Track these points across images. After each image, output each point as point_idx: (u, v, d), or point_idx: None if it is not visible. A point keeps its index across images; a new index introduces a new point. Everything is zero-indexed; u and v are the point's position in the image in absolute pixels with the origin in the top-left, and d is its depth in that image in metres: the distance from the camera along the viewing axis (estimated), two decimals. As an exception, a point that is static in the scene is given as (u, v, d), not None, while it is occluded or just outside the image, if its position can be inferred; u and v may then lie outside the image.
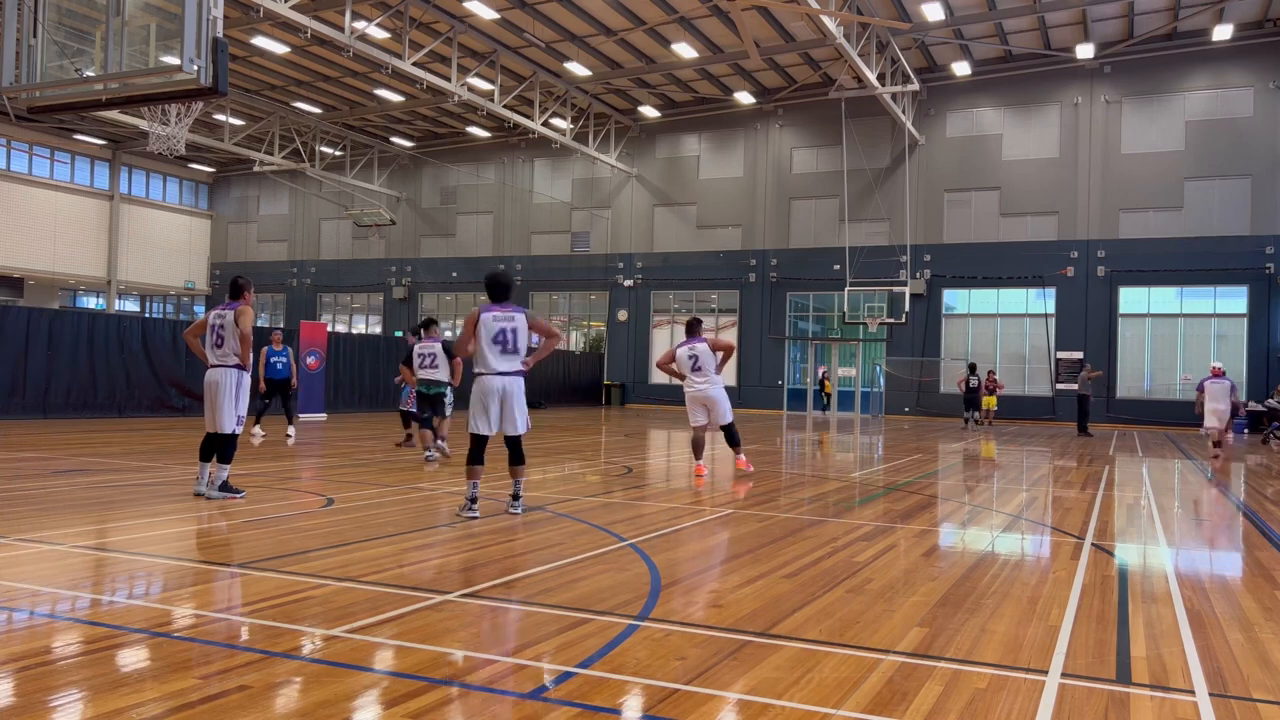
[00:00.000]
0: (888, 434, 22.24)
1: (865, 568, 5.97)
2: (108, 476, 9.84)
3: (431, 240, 41.49)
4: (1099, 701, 3.59)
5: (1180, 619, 4.89)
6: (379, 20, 25.05)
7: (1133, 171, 29.33)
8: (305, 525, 7.15)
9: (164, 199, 45.87)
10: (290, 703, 3.37)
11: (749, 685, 3.64)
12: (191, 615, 4.48)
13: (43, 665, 3.71)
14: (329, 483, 9.70)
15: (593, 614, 4.64)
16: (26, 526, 6.66)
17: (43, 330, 18.92)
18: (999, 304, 31.48)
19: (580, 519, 7.76)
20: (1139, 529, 8.19)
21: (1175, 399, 28.97)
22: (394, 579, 5.35)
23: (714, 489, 10.42)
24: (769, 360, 34.12)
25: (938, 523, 8.22)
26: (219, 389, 8.15)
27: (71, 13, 8.49)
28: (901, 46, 28.52)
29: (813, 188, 33.67)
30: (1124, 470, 14.07)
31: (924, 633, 4.46)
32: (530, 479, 10.46)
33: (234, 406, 8.17)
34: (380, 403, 25.97)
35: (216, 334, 8.26)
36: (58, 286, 43.63)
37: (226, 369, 8.20)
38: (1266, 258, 27.69)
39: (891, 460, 14.77)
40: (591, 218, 37.72)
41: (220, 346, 8.23)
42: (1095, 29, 27.84)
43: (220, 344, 8.23)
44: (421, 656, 3.93)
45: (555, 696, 3.47)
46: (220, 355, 8.24)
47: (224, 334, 8.22)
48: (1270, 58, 27.78)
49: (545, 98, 32.78)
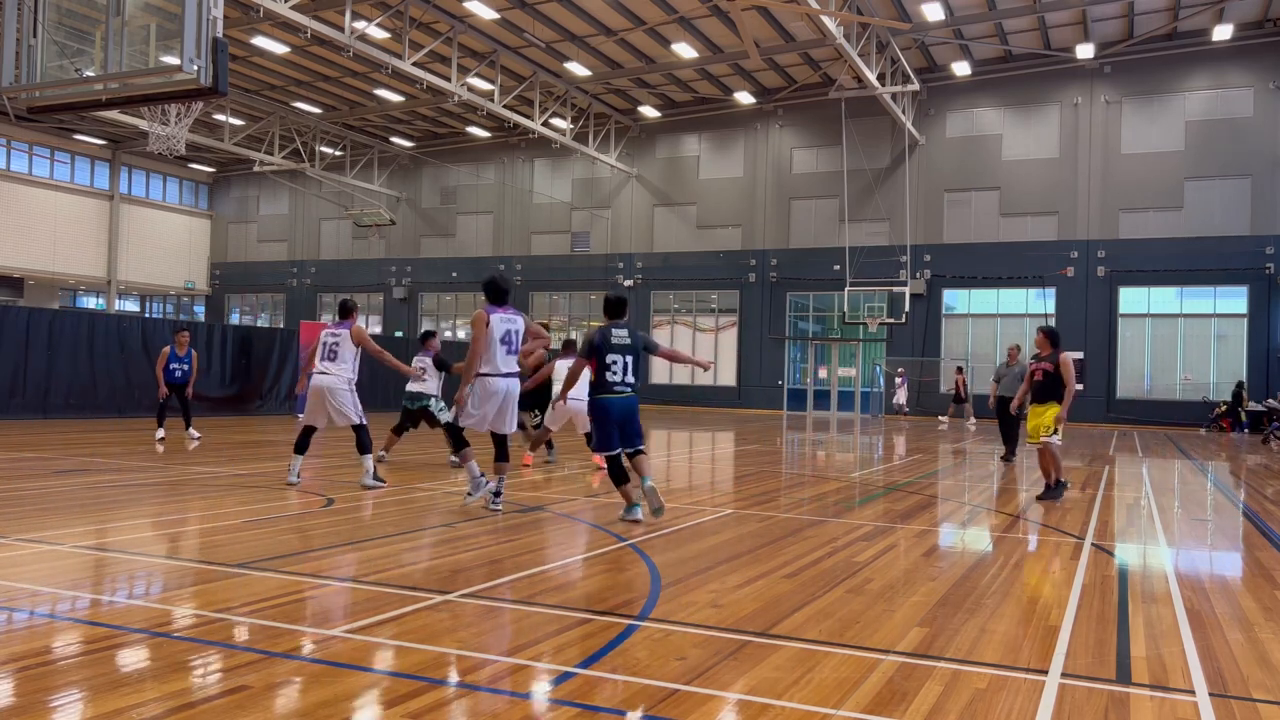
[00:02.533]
0: (887, 434, 22.24)
1: (865, 568, 5.97)
2: (108, 476, 9.84)
3: (431, 240, 41.49)
4: (1099, 701, 3.59)
5: (1180, 619, 4.89)
6: (379, 20, 25.05)
7: (1133, 171, 29.32)
8: (305, 525, 7.15)
9: (164, 199, 45.87)
10: (290, 703, 3.37)
11: (749, 685, 3.64)
12: (191, 615, 4.47)
13: (43, 665, 3.71)
14: (329, 483, 9.71)
15: (593, 614, 4.64)
16: (26, 526, 6.66)
17: (43, 330, 18.92)
18: (999, 304, 31.48)
19: (580, 519, 7.76)
20: (1139, 529, 8.19)
21: (1175, 399, 28.98)
22: (394, 579, 5.35)
23: (714, 489, 10.42)
24: (769, 360, 34.12)
25: (938, 523, 8.22)
26: (335, 393, 9.23)
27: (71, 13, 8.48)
28: (901, 46, 28.51)
29: (813, 188, 33.67)
30: (1124, 470, 14.06)
31: (924, 633, 4.46)
32: (531, 479, 10.47)
33: (354, 402, 9.39)
34: (381, 403, 25.94)
35: (330, 349, 9.39)
36: (58, 286, 43.63)
37: (340, 377, 9.33)
38: (1266, 258, 27.68)
39: (891, 460, 14.77)
40: (591, 218, 37.72)
41: (333, 360, 9.33)
42: (1095, 29, 27.83)
43: (334, 357, 9.34)
44: (421, 656, 3.93)
45: (555, 696, 3.47)
46: (335, 366, 9.32)
47: (338, 349, 9.37)
48: (1270, 58, 27.78)
49: (545, 98, 32.78)
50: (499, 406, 7.63)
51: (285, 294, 44.80)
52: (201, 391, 17.82)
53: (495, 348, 7.57)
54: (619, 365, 7.48)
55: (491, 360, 7.58)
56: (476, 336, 7.59)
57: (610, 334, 7.56)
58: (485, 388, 7.60)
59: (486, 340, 7.54)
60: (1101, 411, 29.28)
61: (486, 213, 40.22)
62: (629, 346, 7.58)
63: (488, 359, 7.59)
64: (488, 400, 7.59)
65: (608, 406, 7.54)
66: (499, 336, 7.58)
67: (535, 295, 38.97)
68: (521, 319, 7.81)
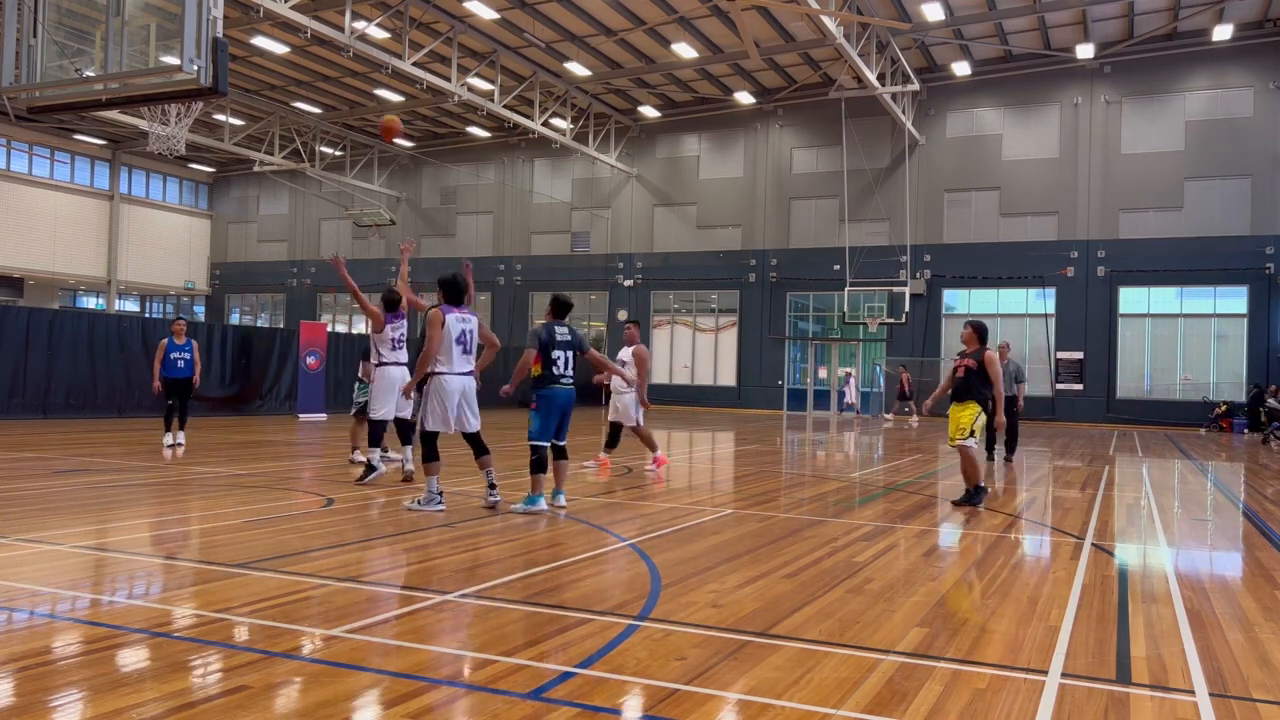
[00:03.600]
0: (887, 434, 22.24)
1: (865, 568, 5.97)
2: (108, 476, 9.84)
3: (431, 240, 41.47)
4: (1099, 701, 3.59)
5: (1180, 619, 4.89)
6: (379, 20, 25.05)
7: (1133, 171, 29.32)
8: (305, 525, 7.15)
9: (164, 199, 45.86)
10: (290, 703, 3.37)
11: (749, 685, 3.64)
12: (191, 615, 4.48)
13: (43, 665, 3.71)
14: (329, 483, 9.70)
15: (593, 614, 4.64)
16: (26, 526, 6.66)
17: (43, 330, 18.92)
18: (999, 304, 31.47)
19: (580, 519, 7.76)
20: (1139, 529, 8.19)
21: (1175, 399, 28.98)
22: (394, 579, 5.35)
23: (714, 489, 10.43)
24: (769, 360, 34.12)
25: (938, 523, 8.22)
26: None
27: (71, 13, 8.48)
28: (901, 46, 28.51)
29: (813, 188, 33.67)
30: (1124, 470, 14.07)
31: (924, 633, 4.46)
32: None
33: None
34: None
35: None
36: (58, 286, 43.63)
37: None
38: (1266, 258, 27.68)
39: (891, 460, 14.77)
40: (591, 218, 37.72)
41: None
42: (1095, 29, 27.83)
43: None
44: (421, 656, 3.93)
45: (555, 696, 3.47)
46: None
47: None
48: (1270, 58, 27.78)
49: (545, 98, 32.78)
50: (459, 404, 7.82)
51: (285, 294, 44.80)
52: (201, 391, 17.80)
53: (451, 347, 7.77)
54: (562, 360, 8.11)
55: (448, 359, 7.77)
56: (432, 336, 7.73)
57: (555, 331, 8.16)
58: (443, 386, 7.77)
59: (442, 339, 7.72)
60: (1101, 411, 29.28)
61: (486, 213, 40.23)
62: (569, 343, 8.22)
63: (444, 358, 7.76)
64: (447, 398, 7.76)
65: (553, 397, 8.09)
66: (455, 336, 7.79)
67: (535, 295, 38.98)
68: (475, 318, 8.05)
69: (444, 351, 7.76)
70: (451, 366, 7.79)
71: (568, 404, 8.27)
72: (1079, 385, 29.82)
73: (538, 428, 8.09)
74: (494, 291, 39.65)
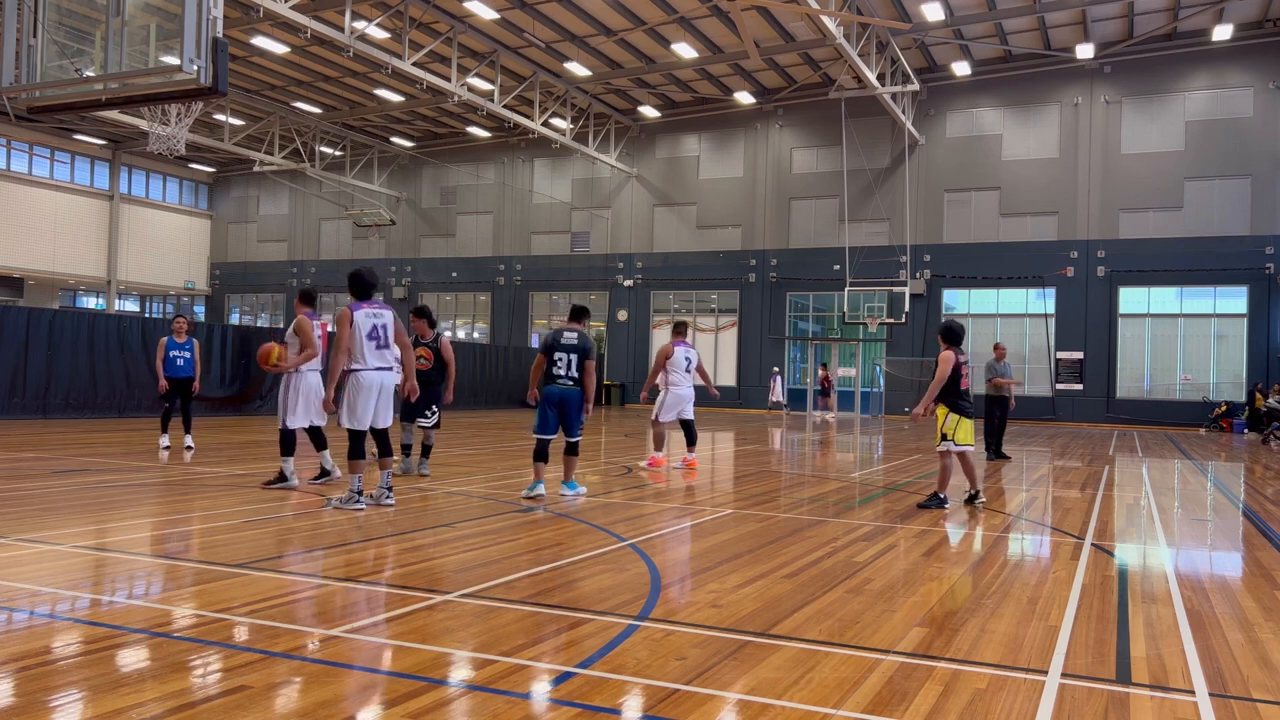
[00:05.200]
0: (887, 434, 22.25)
1: (865, 568, 5.96)
2: (108, 476, 9.83)
3: (431, 240, 41.50)
4: (1099, 701, 3.59)
5: (1180, 619, 4.88)
6: (379, 20, 25.05)
7: (1132, 171, 29.33)
8: (305, 525, 7.15)
9: (164, 199, 45.87)
10: (290, 703, 3.37)
11: (749, 685, 3.64)
12: (191, 615, 4.47)
13: (43, 665, 3.71)
14: (329, 483, 9.70)
15: (593, 614, 4.64)
16: (26, 526, 6.66)
17: (43, 330, 18.92)
18: (999, 304, 31.48)
19: (580, 519, 7.76)
20: (1139, 529, 8.19)
21: (1175, 399, 28.98)
22: (394, 579, 5.35)
23: (714, 489, 10.42)
24: (769, 360, 34.11)
25: (938, 523, 8.22)
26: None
27: (71, 13, 8.48)
28: (901, 46, 28.52)
29: (813, 188, 33.68)
30: (1124, 470, 14.07)
31: (924, 633, 4.46)
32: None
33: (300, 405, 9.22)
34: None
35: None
36: (58, 286, 43.64)
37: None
38: (1266, 258, 27.69)
39: (891, 460, 14.78)
40: (591, 218, 37.72)
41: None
42: (1095, 29, 27.84)
43: None
44: (421, 656, 3.93)
45: (555, 696, 3.47)
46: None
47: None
48: (1270, 58, 27.79)
49: (545, 98, 32.78)
50: (375, 400, 7.80)
51: (285, 294, 44.78)
52: (201, 391, 17.79)
53: (362, 343, 7.72)
54: (564, 362, 8.71)
55: (361, 356, 7.73)
56: (340, 335, 7.69)
57: (561, 335, 8.82)
58: (358, 383, 7.74)
59: (351, 337, 7.69)
60: (1101, 411, 29.29)
61: (486, 213, 40.22)
62: (574, 347, 8.79)
63: (356, 355, 7.72)
64: (364, 396, 7.73)
65: (547, 394, 8.74)
66: (365, 332, 7.73)
67: (535, 295, 38.98)
68: (389, 312, 7.95)
69: (356, 349, 7.70)
70: (366, 363, 7.73)
71: (562, 401, 8.80)
72: (1079, 385, 29.83)
73: (536, 422, 8.96)
74: (494, 291, 39.67)
